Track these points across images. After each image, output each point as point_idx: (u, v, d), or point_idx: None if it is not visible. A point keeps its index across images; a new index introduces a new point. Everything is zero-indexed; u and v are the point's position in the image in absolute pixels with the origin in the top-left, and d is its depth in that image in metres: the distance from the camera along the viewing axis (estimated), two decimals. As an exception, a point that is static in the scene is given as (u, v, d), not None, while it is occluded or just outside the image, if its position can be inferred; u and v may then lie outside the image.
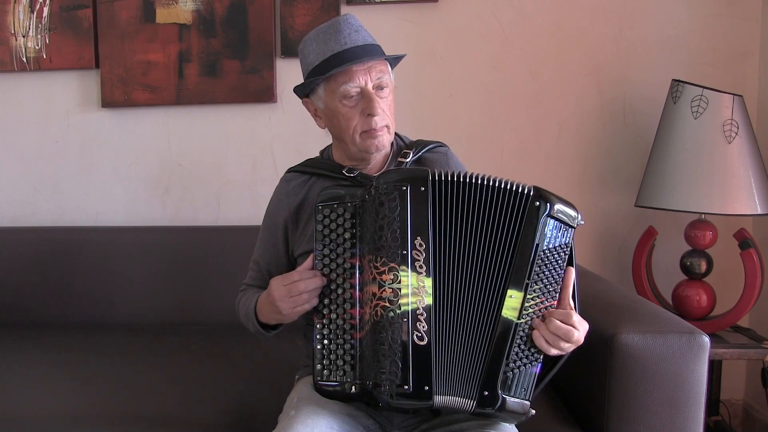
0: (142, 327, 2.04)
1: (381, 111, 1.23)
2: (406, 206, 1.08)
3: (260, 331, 1.31)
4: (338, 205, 1.13)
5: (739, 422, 2.20)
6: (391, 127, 1.27)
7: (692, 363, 1.29)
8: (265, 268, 1.38)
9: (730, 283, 2.08)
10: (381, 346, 1.08)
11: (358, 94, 1.23)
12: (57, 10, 2.23)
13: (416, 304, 1.07)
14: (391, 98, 1.26)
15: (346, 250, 1.13)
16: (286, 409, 1.23)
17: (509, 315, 1.08)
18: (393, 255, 1.07)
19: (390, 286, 1.07)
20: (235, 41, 2.20)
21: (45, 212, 2.34)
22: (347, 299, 1.12)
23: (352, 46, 1.22)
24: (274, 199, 1.39)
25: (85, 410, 1.46)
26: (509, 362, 1.08)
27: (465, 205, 1.09)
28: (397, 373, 1.07)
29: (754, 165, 1.83)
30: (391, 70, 1.29)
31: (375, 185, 1.11)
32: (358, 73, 1.22)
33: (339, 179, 1.30)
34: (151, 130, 2.29)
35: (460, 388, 1.09)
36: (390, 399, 1.08)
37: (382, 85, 1.24)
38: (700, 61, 2.13)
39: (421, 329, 1.07)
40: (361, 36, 1.24)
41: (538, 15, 2.16)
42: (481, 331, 1.09)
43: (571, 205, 1.12)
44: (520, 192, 1.09)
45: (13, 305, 2.13)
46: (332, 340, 1.12)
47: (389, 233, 1.08)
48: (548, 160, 2.20)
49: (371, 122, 1.23)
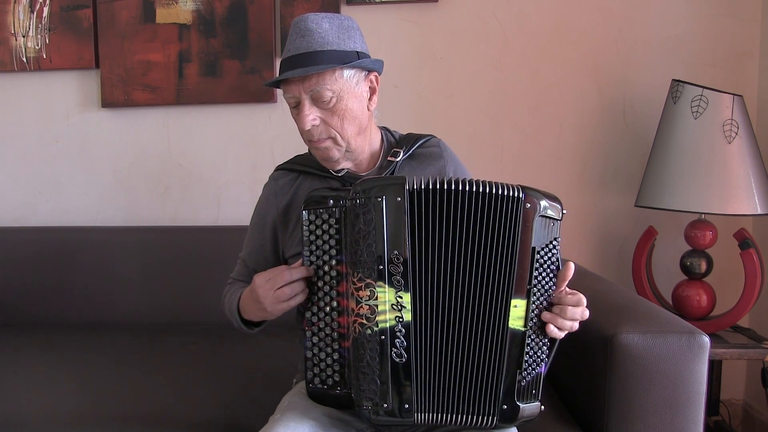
0: (141, 327, 2.04)
1: (312, 124, 1.18)
2: (382, 219, 1.04)
3: (243, 327, 1.29)
4: (324, 210, 1.08)
5: (739, 422, 2.20)
6: (343, 138, 1.21)
7: (692, 363, 1.28)
8: (252, 267, 1.36)
9: (730, 283, 2.08)
10: (360, 363, 1.06)
11: (298, 104, 1.20)
12: (57, 10, 2.23)
13: (394, 321, 1.04)
14: (341, 106, 1.18)
15: (333, 257, 1.09)
16: (276, 411, 1.23)
17: (517, 326, 1.06)
18: (369, 271, 1.04)
19: (367, 303, 1.04)
20: (235, 41, 2.20)
21: (45, 212, 2.34)
22: (335, 308, 1.09)
23: (293, 54, 1.16)
24: (262, 197, 1.37)
25: (85, 410, 1.46)
26: (522, 371, 1.07)
27: (448, 214, 1.05)
28: (376, 391, 1.06)
29: (754, 165, 1.83)
30: (359, 73, 1.20)
31: (351, 195, 1.06)
32: (292, 83, 1.17)
33: (327, 178, 1.29)
34: (151, 130, 2.29)
35: (474, 405, 1.07)
36: (371, 416, 1.07)
37: (321, 96, 1.16)
38: (700, 61, 2.13)
39: (399, 347, 1.05)
40: (306, 42, 1.16)
41: (538, 15, 2.16)
42: (488, 344, 1.06)
43: (554, 198, 1.09)
44: (510, 196, 1.05)
45: (13, 305, 2.13)
46: (321, 348, 1.10)
47: (365, 247, 1.04)
48: (548, 160, 2.20)
49: (307, 134, 1.20)
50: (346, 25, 1.20)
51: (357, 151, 1.25)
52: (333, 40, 1.17)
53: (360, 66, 1.20)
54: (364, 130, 1.25)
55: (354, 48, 1.19)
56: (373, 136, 1.30)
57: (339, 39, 1.17)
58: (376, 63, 1.23)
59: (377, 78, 1.25)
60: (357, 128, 1.22)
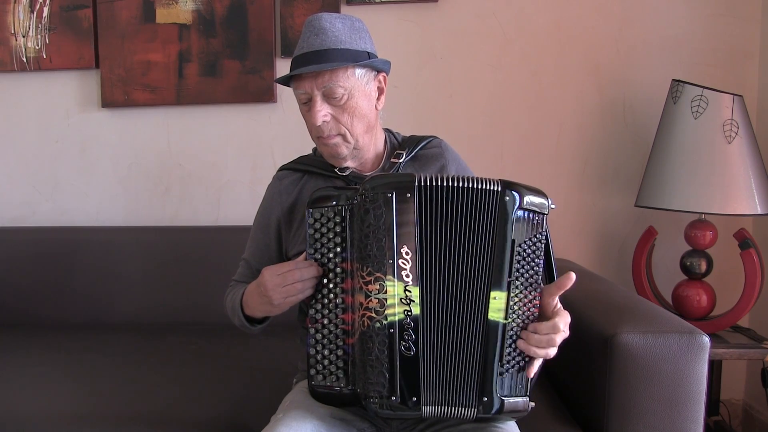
0: (142, 327, 2.04)
1: (323, 120, 1.20)
2: (392, 214, 1.06)
3: (245, 324, 1.29)
4: (329, 208, 1.11)
5: (739, 422, 2.20)
6: (352, 135, 1.23)
7: (692, 363, 1.29)
8: (256, 268, 1.36)
9: (730, 283, 2.08)
10: (368, 357, 1.07)
11: (309, 100, 1.22)
12: (57, 10, 2.23)
13: (403, 314, 1.06)
14: (351, 103, 1.21)
15: (337, 255, 1.11)
16: (278, 411, 1.23)
17: (496, 317, 1.07)
18: (378, 265, 1.06)
19: (376, 296, 1.06)
20: (235, 41, 2.20)
21: (45, 212, 2.34)
22: (339, 304, 1.11)
23: (306, 51, 1.19)
24: (266, 197, 1.38)
25: (85, 410, 1.46)
26: (503, 363, 1.07)
27: (448, 210, 1.07)
28: (384, 384, 1.06)
29: (754, 165, 1.83)
30: (369, 72, 1.24)
31: (361, 191, 1.08)
32: (305, 79, 1.20)
33: (331, 178, 1.30)
34: (151, 130, 2.29)
35: (459, 398, 1.08)
36: (378, 409, 1.08)
37: (333, 92, 1.19)
38: (700, 61, 2.13)
39: (408, 340, 1.06)
40: (320, 40, 1.19)
41: (538, 15, 2.16)
42: (471, 337, 1.08)
43: (540, 192, 1.10)
44: (490, 189, 1.07)
45: (13, 305, 2.13)
46: (325, 346, 1.11)
47: (374, 242, 1.06)
48: (548, 160, 2.20)
49: (317, 130, 1.23)
50: (357, 26, 1.24)
51: (364, 149, 1.27)
52: (346, 39, 1.20)
53: (371, 65, 1.24)
54: (371, 129, 1.27)
55: (365, 48, 1.23)
56: (378, 137, 1.33)
57: (351, 39, 1.21)
58: (385, 64, 1.27)
59: (385, 78, 1.29)
60: (365, 126, 1.25)
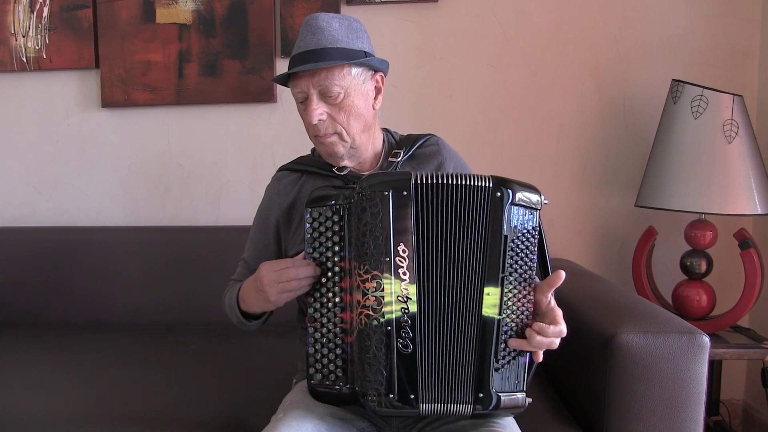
0: (141, 327, 2.04)
1: (319, 119, 1.21)
2: (389, 212, 1.06)
3: (242, 320, 1.30)
4: (327, 207, 1.11)
5: (739, 422, 2.20)
6: (348, 134, 1.24)
7: (692, 363, 1.29)
8: (255, 268, 1.34)
9: (730, 283, 2.08)
10: (366, 355, 1.07)
11: (306, 99, 1.23)
12: (57, 10, 2.23)
13: (400, 312, 1.06)
14: (347, 102, 1.22)
15: (336, 254, 1.11)
16: (278, 411, 1.23)
17: (490, 313, 1.07)
18: (375, 263, 1.06)
19: (373, 294, 1.06)
20: (235, 41, 2.20)
21: (45, 212, 2.34)
22: (337, 303, 1.11)
23: (303, 50, 1.21)
24: (265, 197, 1.39)
25: (85, 410, 1.46)
26: (498, 359, 1.08)
27: (443, 207, 1.07)
28: (382, 381, 1.06)
29: (754, 165, 1.83)
30: (366, 71, 1.24)
31: (358, 190, 1.09)
32: (302, 78, 1.21)
33: (330, 177, 1.30)
34: (151, 130, 2.29)
35: (455, 395, 1.09)
36: (376, 407, 1.08)
37: (329, 91, 1.20)
38: (700, 61, 2.13)
39: (405, 337, 1.06)
40: (316, 39, 1.20)
41: (538, 15, 2.16)
42: (466, 334, 1.08)
43: (532, 188, 1.10)
44: (481, 186, 1.07)
45: (13, 305, 2.13)
46: (324, 344, 1.11)
47: (371, 240, 1.06)
48: (548, 160, 2.20)
49: (313, 128, 1.23)
50: (354, 26, 1.25)
51: (361, 148, 1.28)
52: (342, 38, 1.21)
53: (368, 64, 1.24)
54: (368, 128, 1.28)
55: (362, 48, 1.23)
56: (376, 137, 1.33)
57: (348, 38, 1.22)
58: (382, 63, 1.27)
59: (383, 78, 1.29)
60: (362, 125, 1.25)
